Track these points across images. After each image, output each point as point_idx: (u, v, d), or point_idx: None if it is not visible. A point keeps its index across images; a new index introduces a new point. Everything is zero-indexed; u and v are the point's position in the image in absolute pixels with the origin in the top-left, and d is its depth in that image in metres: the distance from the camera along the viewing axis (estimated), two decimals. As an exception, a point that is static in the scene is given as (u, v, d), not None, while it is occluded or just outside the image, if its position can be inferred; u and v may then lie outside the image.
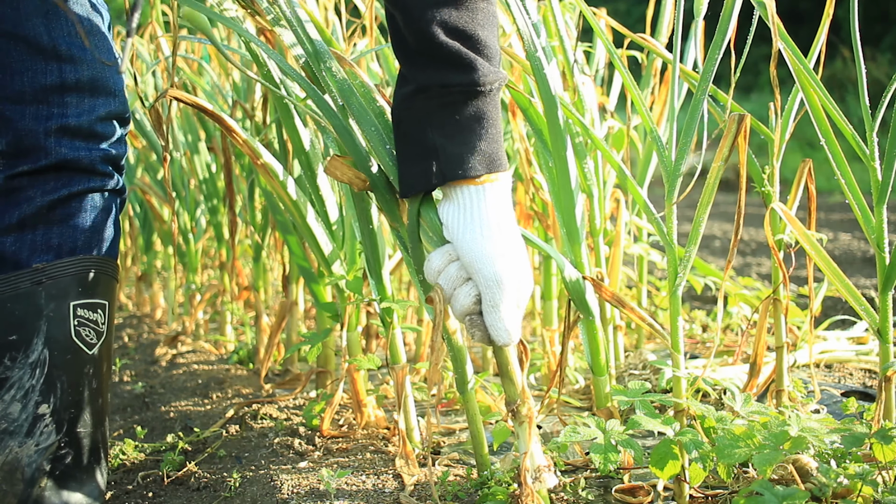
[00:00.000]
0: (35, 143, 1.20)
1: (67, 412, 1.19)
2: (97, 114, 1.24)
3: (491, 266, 1.07)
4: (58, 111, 1.21)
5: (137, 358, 2.60)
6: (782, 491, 1.01)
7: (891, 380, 1.30)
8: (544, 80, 1.28)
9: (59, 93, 1.21)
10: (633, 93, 1.33)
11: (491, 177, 1.10)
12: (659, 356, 1.96)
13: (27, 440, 1.16)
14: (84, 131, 1.23)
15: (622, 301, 1.30)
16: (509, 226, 1.10)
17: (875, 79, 7.55)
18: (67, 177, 1.22)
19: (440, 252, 1.12)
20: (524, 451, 1.11)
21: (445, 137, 1.09)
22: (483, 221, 1.09)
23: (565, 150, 1.31)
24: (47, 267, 1.19)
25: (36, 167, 1.20)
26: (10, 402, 1.15)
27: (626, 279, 2.65)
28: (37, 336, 1.17)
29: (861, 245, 4.14)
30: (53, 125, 1.20)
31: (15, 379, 1.16)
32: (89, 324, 1.21)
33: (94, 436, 1.23)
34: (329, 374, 1.86)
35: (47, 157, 1.20)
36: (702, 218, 1.22)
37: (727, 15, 1.26)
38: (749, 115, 1.22)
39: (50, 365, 1.17)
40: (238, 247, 2.80)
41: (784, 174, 4.69)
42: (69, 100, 1.21)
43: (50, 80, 1.20)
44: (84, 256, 1.22)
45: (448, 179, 1.10)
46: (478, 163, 1.09)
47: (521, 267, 1.10)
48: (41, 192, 1.20)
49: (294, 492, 1.34)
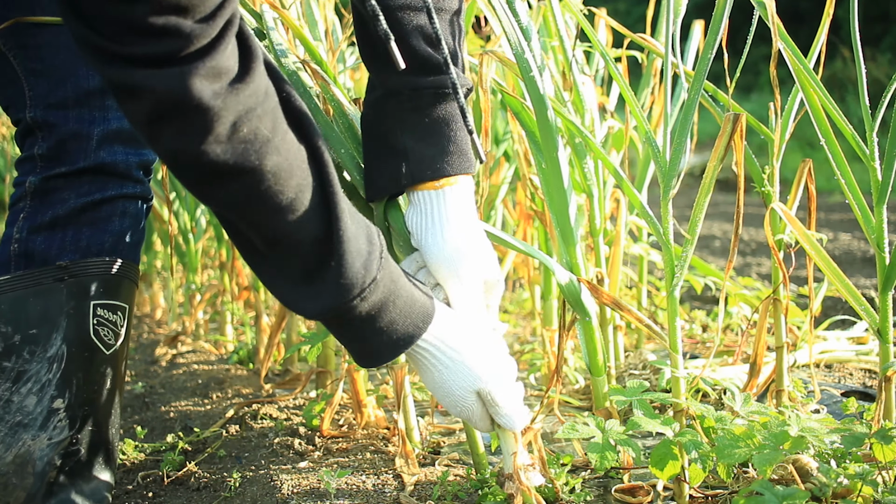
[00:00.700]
0: (76, 146, 1.22)
1: (81, 409, 1.21)
2: None
3: (453, 266, 1.09)
4: (99, 115, 1.23)
5: (137, 358, 2.60)
6: (782, 491, 1.01)
7: (891, 380, 1.30)
8: (533, 83, 1.28)
9: (100, 97, 1.23)
10: (626, 93, 1.33)
11: (451, 179, 1.11)
12: (659, 356, 1.96)
13: (40, 433, 1.17)
14: (125, 134, 1.25)
15: (620, 304, 1.30)
16: (471, 225, 1.12)
17: (875, 79, 7.55)
18: (103, 181, 1.25)
19: (408, 260, 1.15)
20: (511, 451, 1.13)
21: (415, 140, 1.10)
22: (444, 224, 1.11)
23: (556, 151, 1.31)
24: (70, 265, 1.21)
25: (73, 170, 1.22)
26: (26, 395, 1.16)
27: (627, 279, 2.65)
28: (56, 332, 1.18)
29: (861, 245, 4.14)
30: (96, 130, 1.23)
31: (32, 372, 1.17)
32: (108, 324, 1.23)
33: (106, 435, 1.25)
34: (329, 374, 1.86)
35: (85, 161, 1.23)
36: (698, 217, 1.22)
37: (719, 14, 1.26)
38: (745, 115, 1.22)
39: (67, 361, 1.19)
40: (238, 247, 2.79)
41: (784, 174, 4.68)
42: (110, 103, 1.24)
43: (92, 85, 1.22)
44: (107, 258, 1.24)
45: (416, 181, 1.11)
46: (446, 164, 1.10)
47: (485, 265, 1.12)
48: (76, 194, 1.23)
49: (294, 492, 1.34)
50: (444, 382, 1.09)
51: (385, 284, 1.01)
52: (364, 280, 0.99)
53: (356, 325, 1.02)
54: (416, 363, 1.10)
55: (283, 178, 0.91)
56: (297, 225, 0.94)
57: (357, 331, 1.03)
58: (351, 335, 1.04)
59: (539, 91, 1.28)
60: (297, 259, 0.97)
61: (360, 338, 1.04)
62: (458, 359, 1.09)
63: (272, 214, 0.93)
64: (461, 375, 1.09)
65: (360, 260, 0.98)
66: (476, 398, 1.11)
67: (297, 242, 0.96)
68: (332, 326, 1.04)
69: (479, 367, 1.09)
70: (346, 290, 0.98)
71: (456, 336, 1.09)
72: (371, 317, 1.01)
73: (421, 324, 1.05)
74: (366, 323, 1.02)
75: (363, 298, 0.99)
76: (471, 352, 1.09)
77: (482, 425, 1.13)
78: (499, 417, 1.12)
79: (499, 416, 1.12)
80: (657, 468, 1.16)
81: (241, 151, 0.87)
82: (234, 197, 0.92)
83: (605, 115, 1.97)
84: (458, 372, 1.09)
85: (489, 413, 1.12)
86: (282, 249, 0.97)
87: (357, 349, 1.06)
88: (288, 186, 0.92)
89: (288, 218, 0.93)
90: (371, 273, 0.99)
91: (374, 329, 1.03)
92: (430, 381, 1.11)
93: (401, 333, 1.04)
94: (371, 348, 1.05)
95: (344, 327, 1.03)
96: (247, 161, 0.88)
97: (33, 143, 1.23)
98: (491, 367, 1.10)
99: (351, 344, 1.06)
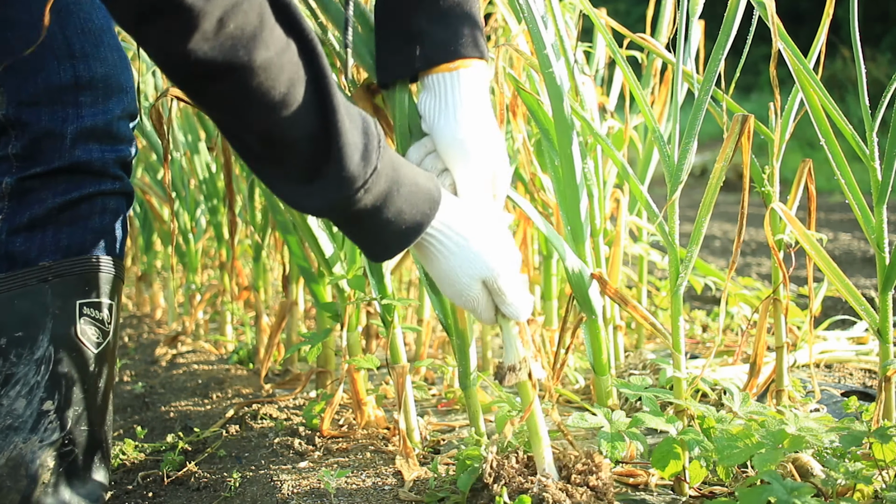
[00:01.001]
0: (50, 146, 1.20)
1: (72, 409, 1.20)
2: (113, 113, 1.24)
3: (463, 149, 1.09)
4: (73, 112, 1.21)
5: (137, 358, 2.60)
6: (791, 483, 1.01)
7: (891, 380, 1.30)
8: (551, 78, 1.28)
9: (73, 92, 1.21)
10: (635, 91, 1.33)
11: (466, 62, 1.10)
12: (659, 356, 1.96)
13: (31, 436, 1.16)
14: (100, 132, 1.23)
15: (625, 298, 1.30)
16: (485, 111, 1.11)
17: (875, 79, 7.55)
18: (79, 179, 1.23)
19: (416, 146, 1.14)
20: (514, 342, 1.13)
21: (429, 23, 1.09)
22: (458, 106, 1.10)
23: (570, 147, 1.31)
24: (54, 265, 1.20)
25: (49, 169, 1.21)
26: (15, 398, 1.16)
27: (626, 279, 2.65)
28: (43, 333, 1.18)
29: (861, 245, 4.14)
30: (69, 128, 1.21)
31: (20, 375, 1.16)
32: (95, 322, 1.22)
33: (98, 434, 1.24)
34: (329, 374, 1.86)
35: (61, 160, 1.21)
36: (704, 218, 1.22)
37: (731, 15, 1.26)
38: (752, 117, 1.22)
39: (55, 362, 1.18)
40: (238, 247, 2.80)
41: (784, 174, 4.68)
42: (83, 99, 1.22)
43: (64, 80, 1.20)
44: (91, 256, 1.23)
45: (431, 64, 1.10)
46: (461, 46, 1.09)
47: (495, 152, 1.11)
48: (53, 193, 1.21)
49: (294, 492, 1.34)
50: (452, 270, 1.08)
51: (387, 174, 1.00)
52: (365, 171, 0.98)
53: (363, 219, 1.01)
54: (423, 252, 1.09)
55: (274, 73, 0.91)
56: (291, 121, 0.93)
57: (365, 224, 1.02)
58: (359, 230, 1.04)
59: (557, 86, 1.28)
60: (296, 157, 0.96)
61: (369, 232, 1.03)
62: (466, 245, 1.08)
63: (265, 112, 0.92)
64: (468, 262, 1.08)
65: (359, 152, 0.97)
66: (482, 287, 1.09)
67: (294, 140, 0.95)
68: (340, 223, 1.04)
69: (486, 255, 1.08)
70: (347, 183, 0.97)
71: (463, 222, 1.08)
72: (377, 208, 1.01)
73: (428, 210, 1.05)
74: (373, 215, 1.01)
75: (366, 190, 0.98)
76: (478, 238, 1.08)
77: (486, 316, 1.12)
78: (504, 307, 1.11)
79: (504, 305, 1.11)
80: (659, 467, 1.16)
81: (228, 48, 0.87)
82: (226, 96, 0.91)
83: (605, 115, 1.97)
84: (466, 259, 1.08)
85: (494, 303, 1.12)
86: (279, 148, 0.95)
87: (368, 244, 1.06)
88: (279, 82, 0.91)
89: (282, 115, 0.93)
90: (371, 163, 0.98)
91: (381, 220, 1.02)
92: (436, 270, 1.10)
93: (409, 222, 1.03)
94: (381, 240, 1.04)
95: (351, 222, 1.02)
96: (235, 58, 0.88)
97: (7, 142, 1.21)
98: (498, 254, 1.09)
99: (361, 240, 1.06)
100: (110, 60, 1.23)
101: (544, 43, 1.27)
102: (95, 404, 1.23)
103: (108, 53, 1.23)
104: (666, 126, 2.00)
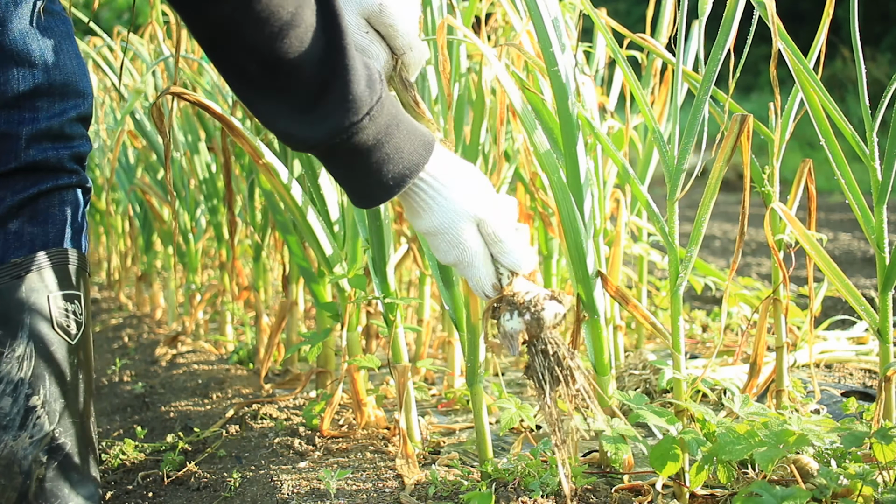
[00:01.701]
0: (5, 147, 1.21)
1: (58, 402, 1.21)
2: (68, 116, 1.25)
3: None
4: (29, 115, 1.22)
5: (137, 358, 2.60)
6: (781, 491, 1.01)
7: (891, 380, 1.30)
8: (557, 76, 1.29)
9: (31, 98, 1.22)
10: (635, 91, 1.33)
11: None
12: (659, 356, 1.96)
13: (21, 433, 1.17)
14: (54, 133, 1.24)
15: (626, 296, 1.30)
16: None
17: (875, 79, 7.55)
18: (36, 177, 1.24)
19: None
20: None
21: None
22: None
23: (576, 146, 1.32)
24: (24, 261, 1.21)
25: (5, 170, 1.22)
26: (0, 398, 1.16)
27: (626, 279, 2.65)
28: (21, 330, 1.19)
29: (861, 245, 4.14)
30: (24, 130, 1.22)
31: (3, 373, 1.17)
32: (69, 314, 1.23)
33: (86, 425, 1.25)
34: (329, 374, 1.86)
35: (17, 161, 1.22)
36: (703, 218, 1.22)
37: (730, 15, 1.26)
38: (751, 116, 1.22)
39: (36, 357, 1.19)
40: (238, 247, 2.80)
41: (784, 174, 4.68)
42: (40, 104, 1.23)
43: (24, 87, 1.21)
44: (57, 249, 1.24)
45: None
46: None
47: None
48: (11, 192, 1.22)
49: (294, 492, 1.34)
50: (444, 215, 1.04)
51: (389, 107, 0.97)
52: (371, 98, 0.94)
53: (362, 153, 0.97)
54: (414, 202, 1.05)
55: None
56: (297, 43, 0.90)
57: (362, 161, 0.97)
58: (355, 168, 0.99)
59: (563, 84, 1.28)
60: (299, 82, 0.92)
61: (364, 170, 0.98)
62: (457, 187, 1.04)
63: (270, 33, 0.89)
64: (460, 205, 1.04)
65: (364, 79, 0.94)
66: (476, 233, 1.05)
67: (299, 63, 0.91)
68: (334, 161, 0.99)
69: (477, 195, 1.05)
70: (354, 108, 0.93)
71: (451, 169, 1.05)
72: (378, 142, 0.96)
73: (424, 153, 1.01)
74: (372, 151, 0.97)
75: (371, 118, 0.94)
76: (469, 181, 1.05)
77: (484, 272, 1.06)
78: (503, 255, 1.06)
79: (504, 253, 1.06)
80: (657, 467, 1.16)
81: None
82: (229, 16, 0.88)
83: (604, 115, 1.97)
84: (457, 202, 1.04)
85: (492, 254, 1.06)
86: (282, 73, 0.91)
87: (360, 185, 1.01)
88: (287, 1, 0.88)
89: (288, 36, 0.89)
90: (376, 92, 0.95)
91: (380, 157, 0.98)
92: (427, 220, 1.05)
93: (406, 162, 0.99)
94: (376, 180, 0.99)
95: (348, 158, 0.97)
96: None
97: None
98: (488, 196, 1.06)
99: (354, 180, 1.01)
100: (69, 68, 1.25)
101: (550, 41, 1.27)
102: (80, 396, 1.24)
103: (67, 61, 1.25)
104: (666, 126, 2.00)
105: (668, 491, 1.30)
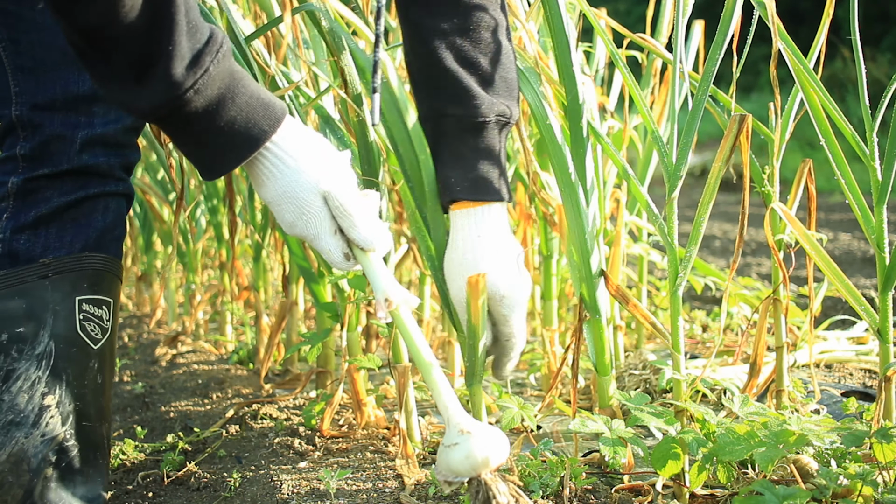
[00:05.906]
0: (59, 148, 1.23)
1: (73, 405, 1.21)
2: (123, 124, 1.27)
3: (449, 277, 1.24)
4: (85, 120, 1.24)
5: (137, 358, 2.60)
6: (783, 491, 1.01)
7: (891, 380, 1.30)
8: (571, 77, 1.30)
9: (88, 102, 1.23)
10: (634, 93, 1.33)
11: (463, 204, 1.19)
12: (659, 356, 1.96)
13: (33, 431, 1.17)
14: (109, 140, 1.26)
15: (626, 296, 1.30)
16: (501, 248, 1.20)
17: (875, 79, 7.54)
18: (85, 180, 1.25)
19: None
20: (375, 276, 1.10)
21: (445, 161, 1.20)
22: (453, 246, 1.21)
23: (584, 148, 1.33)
24: (54, 262, 1.21)
25: (56, 171, 1.23)
26: (16, 394, 1.16)
27: (626, 279, 2.65)
28: (43, 329, 1.19)
29: (861, 245, 4.14)
30: (80, 134, 1.23)
31: (21, 370, 1.17)
32: (94, 319, 1.23)
33: (99, 430, 1.25)
34: (329, 374, 1.86)
35: (69, 163, 1.23)
36: (703, 218, 1.22)
37: (728, 15, 1.26)
38: (750, 116, 1.22)
39: (56, 357, 1.19)
40: (238, 247, 2.80)
41: (784, 174, 4.68)
42: (97, 110, 1.24)
43: (82, 90, 1.23)
44: (90, 254, 1.24)
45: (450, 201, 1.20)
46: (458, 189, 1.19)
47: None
48: (58, 193, 1.23)
49: (294, 492, 1.34)
50: (287, 185, 1.06)
51: (222, 79, 0.99)
52: (196, 71, 0.96)
53: (193, 123, 0.99)
54: (259, 171, 1.07)
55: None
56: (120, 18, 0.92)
57: (196, 130, 1.00)
58: (190, 138, 1.02)
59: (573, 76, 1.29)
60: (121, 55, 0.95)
61: (200, 141, 1.02)
62: (303, 158, 1.06)
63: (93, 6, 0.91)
64: (305, 175, 1.06)
65: (191, 53, 0.96)
66: (323, 204, 1.07)
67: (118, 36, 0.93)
68: (172, 128, 1.02)
69: (324, 168, 1.07)
70: (174, 85, 0.95)
71: (302, 140, 1.07)
72: (210, 113, 0.99)
73: (267, 128, 1.03)
74: (203, 120, 0.99)
75: (196, 91, 0.97)
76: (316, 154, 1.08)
77: (333, 244, 1.09)
78: (353, 231, 1.08)
79: (353, 229, 1.08)
80: (658, 466, 1.16)
81: None
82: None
83: (604, 115, 1.97)
84: (302, 172, 1.06)
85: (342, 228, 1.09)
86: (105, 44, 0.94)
87: (200, 156, 1.04)
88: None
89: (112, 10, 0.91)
90: (203, 65, 0.97)
91: (213, 127, 1.00)
92: (270, 189, 1.07)
93: (244, 135, 1.02)
94: (214, 151, 1.03)
95: (183, 127, 1.00)
96: None
97: (14, 142, 1.23)
98: (336, 169, 1.08)
99: (194, 150, 1.04)
100: None
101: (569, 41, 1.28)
102: (96, 401, 1.24)
103: None
104: (665, 126, 2.00)
105: (668, 491, 1.29)
